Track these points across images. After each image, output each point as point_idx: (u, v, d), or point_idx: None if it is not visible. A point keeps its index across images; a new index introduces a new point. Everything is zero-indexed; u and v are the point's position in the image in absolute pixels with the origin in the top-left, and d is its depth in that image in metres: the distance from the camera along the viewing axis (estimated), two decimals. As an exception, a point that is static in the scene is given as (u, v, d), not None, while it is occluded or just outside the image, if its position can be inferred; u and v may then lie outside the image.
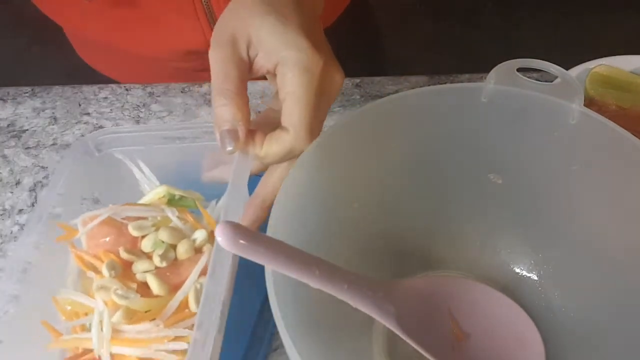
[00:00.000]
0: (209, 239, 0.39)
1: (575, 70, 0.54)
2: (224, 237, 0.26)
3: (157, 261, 0.37)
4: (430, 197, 0.41)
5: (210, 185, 0.42)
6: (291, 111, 0.33)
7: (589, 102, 0.52)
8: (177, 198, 0.42)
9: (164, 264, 0.37)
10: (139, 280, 0.37)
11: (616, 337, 0.36)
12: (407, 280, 0.39)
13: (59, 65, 0.78)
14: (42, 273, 0.38)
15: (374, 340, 0.39)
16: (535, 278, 0.41)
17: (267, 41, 0.34)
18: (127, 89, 0.61)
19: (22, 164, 0.56)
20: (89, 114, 0.59)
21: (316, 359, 0.32)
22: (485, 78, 0.36)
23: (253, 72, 0.35)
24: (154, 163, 0.44)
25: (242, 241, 0.26)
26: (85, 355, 0.35)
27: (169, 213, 0.39)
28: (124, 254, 0.38)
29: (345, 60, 0.40)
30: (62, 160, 0.42)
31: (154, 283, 0.36)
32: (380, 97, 0.36)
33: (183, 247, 0.38)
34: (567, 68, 0.50)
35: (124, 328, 0.35)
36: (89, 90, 0.61)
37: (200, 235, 0.39)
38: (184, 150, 0.42)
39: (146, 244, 0.38)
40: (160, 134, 0.42)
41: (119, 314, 0.35)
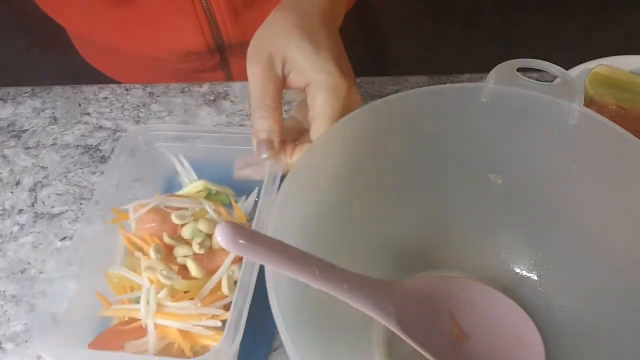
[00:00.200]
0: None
1: (575, 70, 0.54)
2: (224, 237, 0.26)
3: (196, 248, 0.42)
4: (430, 197, 0.41)
5: (239, 183, 0.48)
6: (319, 127, 0.38)
7: (589, 102, 0.52)
8: (214, 193, 0.47)
9: (202, 251, 0.42)
10: (180, 263, 0.42)
11: (616, 337, 0.36)
12: (407, 280, 0.39)
13: (59, 65, 0.78)
14: (94, 250, 0.43)
15: (374, 340, 0.39)
16: (535, 278, 0.41)
17: (302, 63, 0.38)
18: (127, 89, 0.61)
19: (22, 164, 0.56)
20: (89, 114, 0.59)
21: (316, 359, 0.32)
22: (485, 78, 0.36)
23: (285, 87, 0.40)
24: (191, 159, 0.50)
25: (242, 241, 0.26)
26: (132, 324, 0.40)
27: (206, 206, 0.45)
28: (167, 239, 0.43)
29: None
30: (114, 152, 0.47)
31: (193, 267, 0.41)
32: (380, 97, 0.37)
33: (218, 238, 0.43)
34: (567, 68, 0.50)
35: (167, 304, 0.40)
36: (89, 90, 0.61)
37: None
38: (218, 150, 0.48)
39: (186, 231, 0.44)
40: (199, 135, 0.48)
41: (164, 292, 0.40)
